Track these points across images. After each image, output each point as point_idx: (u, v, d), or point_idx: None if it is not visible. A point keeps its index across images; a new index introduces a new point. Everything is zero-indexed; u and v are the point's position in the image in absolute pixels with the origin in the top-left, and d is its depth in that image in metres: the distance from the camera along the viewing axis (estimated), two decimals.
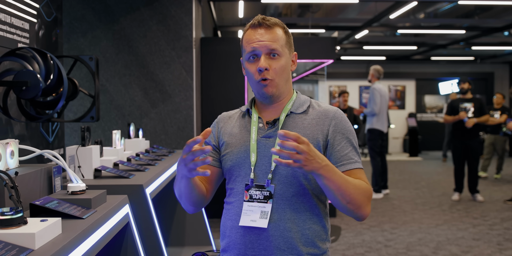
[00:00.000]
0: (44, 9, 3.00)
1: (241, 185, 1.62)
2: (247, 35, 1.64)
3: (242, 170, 1.63)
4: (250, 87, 1.71)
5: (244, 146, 1.65)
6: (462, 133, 7.05)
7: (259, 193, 1.59)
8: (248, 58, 1.63)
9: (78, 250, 1.43)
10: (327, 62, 6.21)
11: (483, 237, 5.20)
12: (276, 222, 1.57)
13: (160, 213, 3.87)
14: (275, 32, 1.62)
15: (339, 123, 1.63)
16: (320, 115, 1.64)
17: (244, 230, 1.59)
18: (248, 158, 1.62)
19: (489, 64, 15.43)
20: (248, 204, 1.59)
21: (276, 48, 1.60)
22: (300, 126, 1.63)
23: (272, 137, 1.62)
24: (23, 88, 2.32)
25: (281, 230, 1.56)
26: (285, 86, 1.65)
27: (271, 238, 1.56)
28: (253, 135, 1.64)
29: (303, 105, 1.68)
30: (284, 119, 1.64)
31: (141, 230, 2.36)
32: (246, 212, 1.59)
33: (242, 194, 1.61)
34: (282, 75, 1.63)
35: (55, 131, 3.20)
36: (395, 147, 14.90)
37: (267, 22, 1.62)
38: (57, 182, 2.04)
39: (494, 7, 8.52)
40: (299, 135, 1.35)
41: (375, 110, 7.32)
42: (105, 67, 4.87)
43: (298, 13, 9.09)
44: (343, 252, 4.65)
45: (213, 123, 1.78)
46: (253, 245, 1.58)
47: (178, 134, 4.94)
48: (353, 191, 1.49)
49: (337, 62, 13.82)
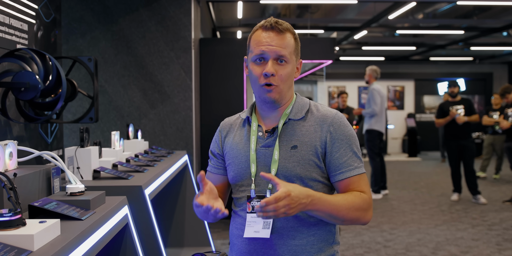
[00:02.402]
0: (43, 10, 3.00)
1: (244, 195, 1.65)
2: (257, 35, 1.62)
3: (244, 181, 1.65)
4: (252, 89, 1.71)
5: (244, 156, 1.65)
6: (455, 133, 7.08)
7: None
8: (254, 59, 1.61)
9: (77, 252, 1.43)
10: (326, 62, 6.21)
11: (482, 238, 5.20)
12: (279, 231, 1.58)
13: (159, 214, 3.87)
14: (286, 38, 1.60)
15: (338, 128, 1.62)
16: (318, 121, 1.63)
17: (249, 240, 1.61)
18: (249, 168, 1.63)
19: (488, 64, 15.44)
20: (251, 215, 1.61)
21: (284, 54, 1.59)
22: (299, 133, 1.62)
23: (271, 146, 1.62)
24: (22, 89, 2.32)
25: (285, 239, 1.58)
26: (287, 92, 1.65)
27: (275, 247, 1.58)
28: (252, 145, 1.64)
29: (302, 110, 1.66)
30: (282, 127, 1.64)
31: (140, 231, 2.36)
32: (250, 223, 1.60)
33: (246, 204, 1.63)
34: (287, 82, 1.62)
35: (54, 132, 3.19)
36: (394, 148, 14.90)
37: (279, 26, 1.60)
38: (56, 183, 2.04)
39: (493, 8, 8.52)
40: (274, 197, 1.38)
41: (376, 111, 7.31)
42: (104, 68, 4.86)
43: (297, 13, 9.09)
44: (342, 253, 4.65)
45: (216, 132, 1.79)
46: (258, 254, 1.60)
47: (177, 135, 4.94)
48: (345, 212, 1.52)
49: (336, 62, 13.82)
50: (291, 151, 1.59)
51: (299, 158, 1.58)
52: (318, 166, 1.59)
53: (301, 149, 1.59)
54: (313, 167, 1.59)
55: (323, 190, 1.62)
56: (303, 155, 1.58)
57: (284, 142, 1.61)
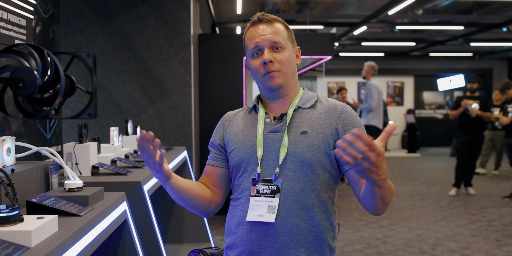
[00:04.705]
0: (41, 5, 2.99)
1: (248, 180, 1.60)
2: (249, 33, 1.63)
3: (249, 165, 1.61)
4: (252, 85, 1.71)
5: (250, 141, 1.62)
6: (466, 127, 7.24)
7: (266, 187, 1.56)
8: (252, 54, 1.61)
9: (75, 248, 1.42)
10: (325, 58, 6.20)
11: (482, 233, 5.21)
12: (283, 217, 1.53)
13: (158, 210, 3.87)
14: (276, 26, 1.61)
15: (349, 116, 1.61)
16: (328, 109, 1.62)
17: (251, 227, 1.56)
18: (255, 152, 1.60)
19: (488, 60, 15.44)
20: (255, 199, 1.56)
21: (278, 40, 1.59)
22: (308, 120, 1.61)
23: (280, 131, 1.60)
24: (20, 84, 2.31)
25: (289, 227, 1.53)
26: (292, 78, 1.63)
27: (278, 235, 1.53)
28: (259, 129, 1.62)
29: (310, 100, 1.66)
30: (292, 114, 1.62)
31: (139, 227, 2.36)
32: (253, 207, 1.56)
33: (249, 190, 1.58)
34: (288, 67, 1.60)
35: (52, 128, 3.19)
36: (393, 144, 14.91)
37: (267, 17, 1.61)
38: (54, 179, 2.03)
39: (493, 3, 8.51)
40: (374, 143, 1.26)
41: (372, 106, 7.33)
42: (103, 64, 4.85)
43: (296, 9, 9.08)
44: (342, 249, 4.65)
45: (218, 123, 1.77)
46: (259, 242, 1.55)
47: (176, 130, 4.93)
48: (391, 195, 1.47)
49: (336, 58, 13.81)
50: (301, 136, 1.57)
51: (308, 144, 1.56)
52: (327, 153, 1.57)
53: (311, 134, 1.57)
54: (322, 154, 1.56)
55: (329, 181, 1.59)
56: (312, 141, 1.56)
57: (293, 128, 1.59)
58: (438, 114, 15.46)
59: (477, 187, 7.91)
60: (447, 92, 15.39)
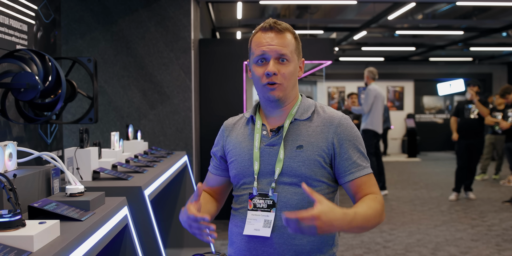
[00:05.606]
0: (43, 11, 3.00)
1: (246, 193, 1.63)
2: (257, 37, 1.62)
3: (246, 179, 1.64)
4: (252, 90, 1.72)
5: (248, 154, 1.64)
6: (466, 132, 7.26)
7: (262, 201, 1.59)
8: (256, 61, 1.61)
9: (76, 253, 1.43)
10: (325, 63, 6.21)
11: (482, 238, 5.20)
12: (280, 230, 1.56)
13: (158, 215, 3.87)
14: (286, 37, 1.60)
15: (345, 130, 1.61)
16: (324, 122, 1.62)
17: (249, 237, 1.60)
18: (252, 166, 1.62)
19: (487, 65, 15.45)
20: (252, 213, 1.60)
21: (285, 53, 1.58)
22: (305, 133, 1.61)
23: (276, 145, 1.61)
24: (22, 90, 2.32)
25: (285, 238, 1.56)
26: (292, 91, 1.64)
27: (275, 246, 1.56)
28: (256, 143, 1.63)
29: (307, 110, 1.66)
30: (288, 127, 1.63)
31: (140, 231, 2.36)
32: (250, 221, 1.59)
33: (247, 202, 1.62)
34: (290, 81, 1.61)
35: (53, 133, 3.19)
36: (393, 148, 14.90)
37: (278, 26, 1.60)
38: (56, 184, 2.04)
39: (492, 8, 8.53)
40: (304, 216, 1.30)
41: (364, 110, 7.37)
42: (104, 69, 4.86)
43: (296, 14, 9.09)
44: (342, 254, 4.65)
45: (219, 131, 1.79)
46: (258, 252, 1.59)
47: (177, 135, 4.94)
48: (373, 220, 1.50)
49: (336, 63, 13.83)
50: (297, 150, 1.59)
51: (304, 158, 1.57)
52: (323, 167, 1.58)
53: (306, 149, 1.58)
54: (318, 168, 1.58)
55: (327, 191, 1.61)
56: (308, 155, 1.58)
57: (289, 142, 1.61)
58: (438, 118, 15.45)
59: (477, 191, 7.90)
60: (447, 96, 15.40)
